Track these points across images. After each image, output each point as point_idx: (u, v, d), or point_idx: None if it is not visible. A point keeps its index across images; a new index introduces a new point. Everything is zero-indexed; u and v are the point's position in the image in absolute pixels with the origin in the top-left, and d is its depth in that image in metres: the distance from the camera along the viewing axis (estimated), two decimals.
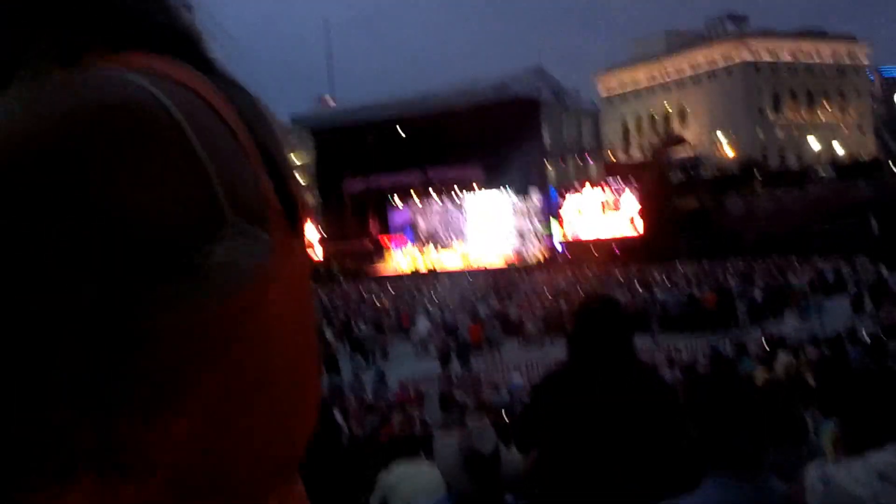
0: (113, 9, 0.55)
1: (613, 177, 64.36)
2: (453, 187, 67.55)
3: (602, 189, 60.88)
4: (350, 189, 67.86)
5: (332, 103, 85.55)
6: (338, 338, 29.14)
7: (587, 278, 41.91)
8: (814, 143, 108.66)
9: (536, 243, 64.00)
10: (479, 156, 61.88)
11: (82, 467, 0.51)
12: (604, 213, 60.05)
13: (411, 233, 70.01)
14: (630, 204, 59.29)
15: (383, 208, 70.16)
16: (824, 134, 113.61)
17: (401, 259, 68.33)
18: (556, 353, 23.09)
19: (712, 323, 28.06)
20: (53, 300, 0.48)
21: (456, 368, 23.40)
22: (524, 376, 21.22)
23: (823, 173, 69.43)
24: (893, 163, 69.66)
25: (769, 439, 2.53)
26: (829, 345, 14.18)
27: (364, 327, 29.83)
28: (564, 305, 30.42)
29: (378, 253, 69.94)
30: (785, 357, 13.24)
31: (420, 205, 69.58)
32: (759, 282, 34.05)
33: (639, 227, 58.79)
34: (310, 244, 2.74)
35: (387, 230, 70.48)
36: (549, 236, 62.72)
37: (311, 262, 0.71)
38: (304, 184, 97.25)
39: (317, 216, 72.52)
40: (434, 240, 68.83)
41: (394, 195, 69.48)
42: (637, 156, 71.36)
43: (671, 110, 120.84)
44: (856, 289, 29.84)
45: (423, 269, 63.58)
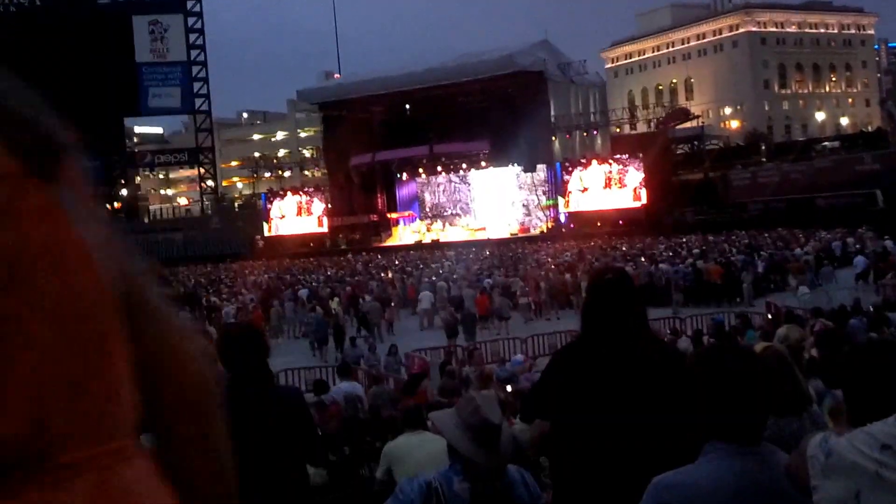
0: None
1: (619, 150, 64.17)
2: (460, 163, 67.41)
3: (607, 162, 60.69)
4: (357, 163, 67.67)
5: (339, 78, 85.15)
6: (345, 311, 29.22)
7: (591, 250, 41.85)
8: (819, 116, 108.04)
9: (541, 216, 63.96)
10: (485, 130, 61.61)
11: None
12: (608, 187, 59.88)
13: (418, 207, 69.95)
14: (635, 177, 59.09)
15: (390, 183, 70.01)
16: (830, 106, 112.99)
17: (407, 233, 68.32)
18: (561, 325, 23.18)
19: (717, 295, 28.09)
20: None
21: (461, 342, 23.41)
22: (529, 349, 21.32)
23: (829, 145, 69.14)
24: None
25: (770, 410, 2.55)
26: (833, 316, 14.18)
27: (369, 300, 29.84)
28: (569, 278, 30.49)
29: (384, 227, 69.90)
30: (787, 328, 13.25)
31: (426, 179, 69.46)
32: (764, 254, 33.99)
33: (643, 199, 58.64)
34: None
35: (394, 204, 70.39)
36: (554, 207, 62.63)
37: (92, 211, 0.72)
38: (308, 156, 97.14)
39: (323, 190, 72.47)
40: (440, 214, 68.79)
41: (401, 170, 69.32)
42: (643, 129, 70.94)
43: (676, 83, 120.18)
44: (861, 260, 29.77)
45: (428, 242, 63.55)
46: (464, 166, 67.34)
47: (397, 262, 48.05)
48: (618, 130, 75.42)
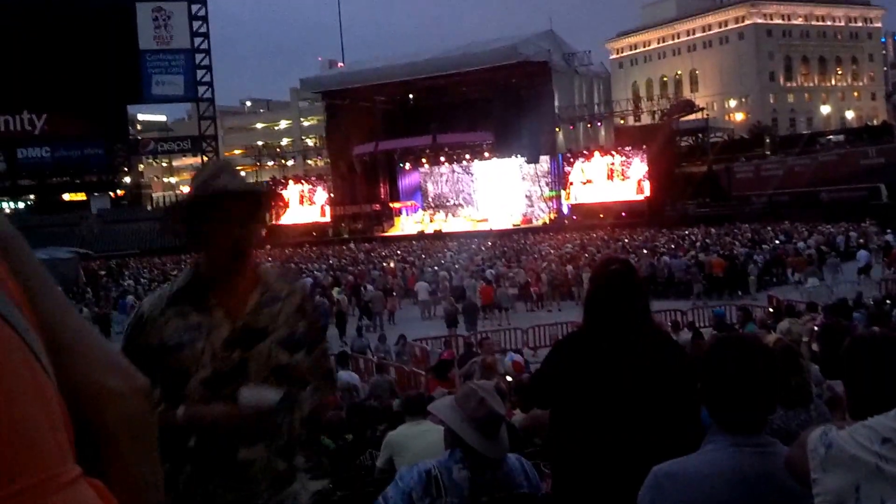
0: None
1: (622, 141, 64.06)
2: (463, 153, 67.37)
3: (610, 154, 60.61)
4: (359, 153, 67.59)
5: (342, 67, 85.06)
6: (348, 300, 29.23)
7: (593, 242, 41.83)
8: (824, 109, 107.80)
9: (544, 207, 63.92)
10: (488, 120, 61.54)
11: None
12: (611, 179, 59.82)
13: (420, 197, 69.90)
14: (638, 169, 59.02)
15: (393, 172, 69.95)
16: (835, 99, 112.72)
17: (409, 223, 68.32)
18: (562, 316, 23.20)
19: (719, 287, 28.09)
20: None
21: (462, 331, 23.41)
22: (530, 340, 21.35)
23: (833, 139, 69.06)
24: None
25: (774, 403, 2.56)
26: (835, 309, 14.19)
27: (371, 289, 29.85)
28: (571, 269, 30.47)
29: (387, 216, 69.89)
30: (790, 322, 13.27)
31: (429, 169, 69.42)
32: (767, 247, 33.95)
33: (646, 191, 58.58)
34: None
35: (396, 194, 70.33)
36: (557, 199, 62.59)
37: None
38: (311, 145, 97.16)
39: (326, 179, 72.45)
40: (443, 204, 68.78)
41: (404, 159, 69.26)
42: (647, 120, 70.84)
43: (681, 74, 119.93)
44: (863, 254, 29.72)
45: (431, 232, 63.56)
46: (467, 157, 67.29)
47: (399, 251, 48.07)
48: (622, 122, 75.34)
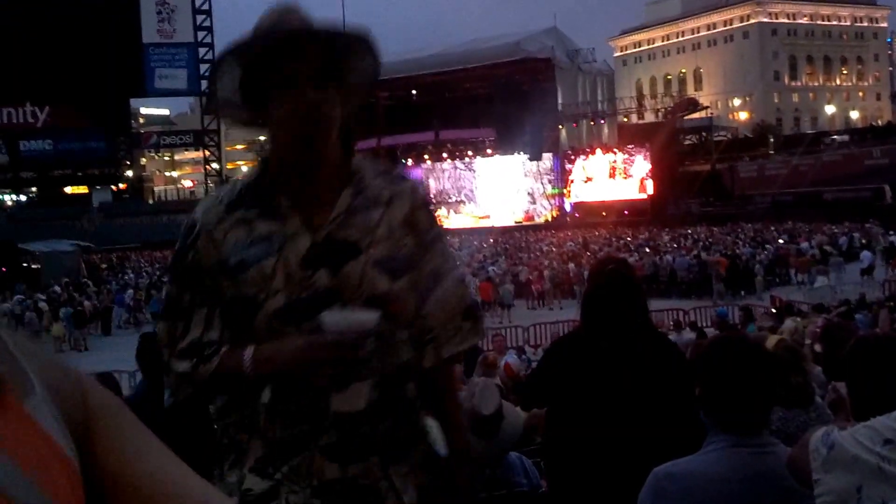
0: None
1: (626, 139, 64.07)
2: (466, 149, 67.44)
3: (612, 152, 60.62)
4: (362, 148, 67.32)
5: None
6: None
7: (595, 240, 41.86)
8: (829, 109, 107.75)
9: (546, 204, 63.96)
10: (491, 117, 61.55)
11: None
12: (613, 177, 59.83)
13: None
14: (641, 167, 59.03)
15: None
16: (840, 99, 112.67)
17: None
18: (564, 314, 23.17)
19: (721, 288, 28.08)
20: None
21: None
22: (531, 338, 21.34)
23: (838, 139, 69.03)
24: None
25: (774, 403, 2.55)
26: (838, 310, 14.18)
27: None
28: (573, 267, 30.50)
29: None
30: (792, 322, 13.22)
31: (431, 166, 69.50)
32: (769, 247, 33.95)
33: (649, 189, 58.60)
34: None
35: None
36: (559, 196, 62.64)
37: None
38: None
39: None
40: (445, 200, 68.83)
41: (406, 155, 69.32)
42: (650, 118, 70.88)
43: (686, 72, 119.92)
44: (867, 255, 29.71)
45: None
46: (469, 153, 67.35)
47: None
48: (625, 120, 75.30)
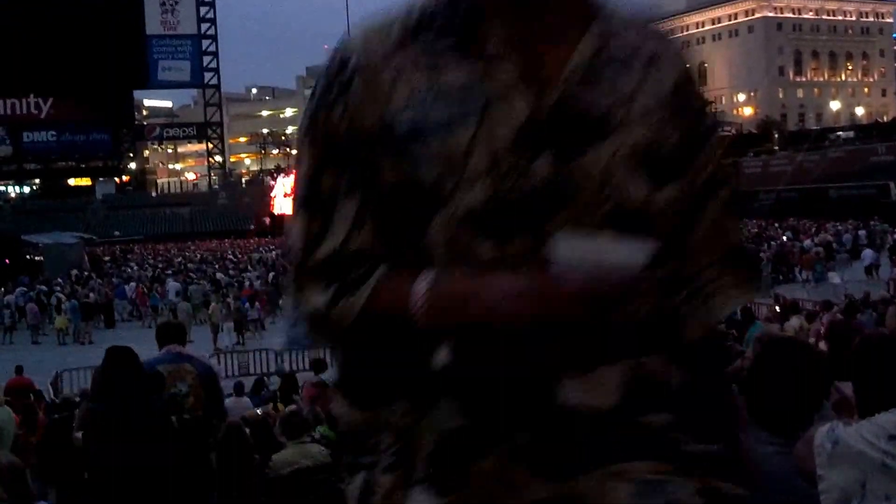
0: None
1: None
2: None
3: None
4: None
5: None
6: None
7: None
8: (834, 105, 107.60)
9: None
10: None
11: None
12: None
13: None
14: None
15: None
16: (845, 95, 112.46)
17: None
18: None
19: None
20: None
21: None
22: None
23: (843, 135, 68.90)
24: None
25: (817, 407, 2.59)
26: (842, 308, 14.15)
27: None
28: None
29: None
30: (797, 320, 13.22)
31: None
32: (774, 244, 33.91)
33: None
34: None
35: None
36: None
37: None
38: None
39: None
40: None
41: None
42: None
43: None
44: (868, 253, 29.69)
45: None
46: None
47: None
48: None
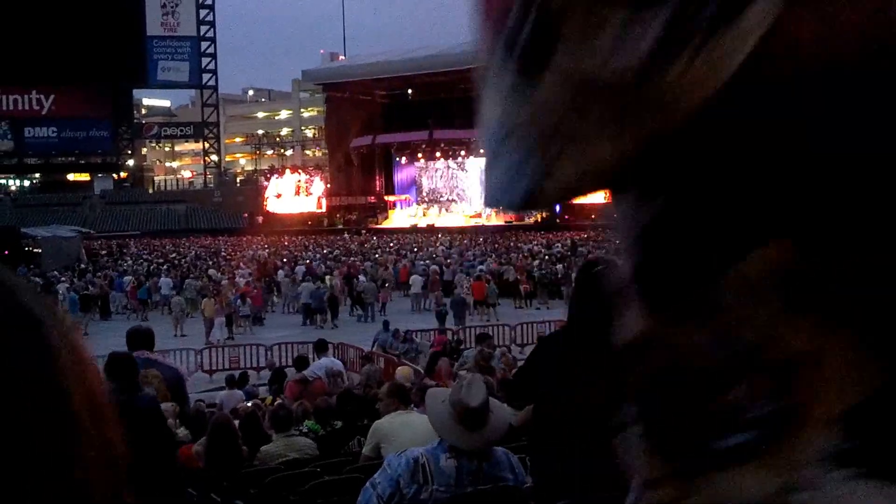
0: None
1: None
2: (459, 149, 67.41)
3: None
4: (357, 145, 67.70)
5: (343, 60, 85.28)
6: (340, 290, 29.36)
7: (584, 241, 41.84)
8: None
9: None
10: None
11: None
12: None
13: (415, 191, 69.99)
14: None
15: (389, 166, 70.02)
16: None
17: (403, 216, 68.45)
18: (550, 314, 23.36)
19: None
20: None
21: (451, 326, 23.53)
22: (518, 336, 21.57)
23: None
24: None
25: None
26: None
27: (364, 280, 29.93)
28: (561, 268, 30.67)
29: (381, 209, 70.00)
30: None
31: (425, 164, 69.47)
32: None
33: None
34: None
35: (391, 187, 70.44)
36: None
37: None
38: (310, 136, 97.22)
39: (323, 170, 72.57)
40: (437, 199, 68.88)
41: (400, 153, 69.31)
42: None
43: None
44: None
45: (424, 226, 63.73)
46: (462, 153, 67.31)
47: (392, 244, 48.24)
48: None
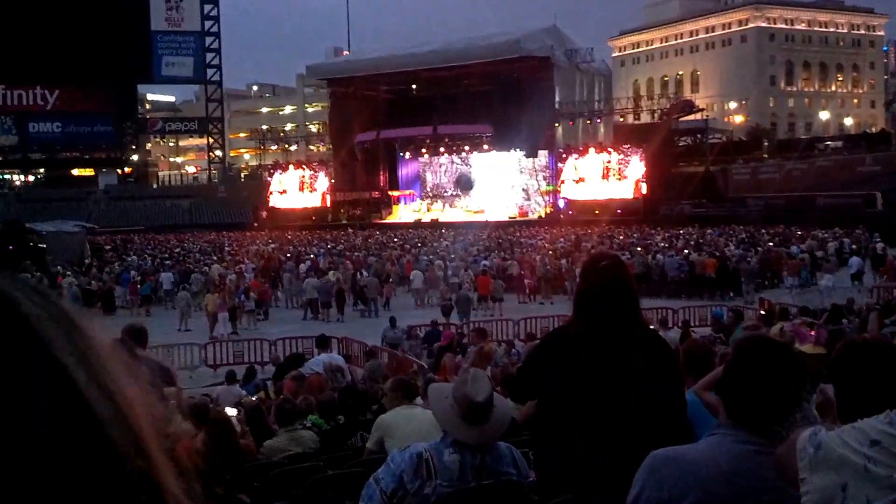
0: None
1: (621, 139, 64.09)
2: (463, 144, 67.43)
3: (607, 151, 60.55)
4: (361, 140, 67.69)
5: (348, 55, 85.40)
6: (346, 284, 29.26)
7: (588, 237, 41.83)
8: (823, 115, 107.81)
9: (541, 201, 63.99)
10: (489, 113, 61.58)
11: None
12: (606, 178, 59.74)
13: (419, 186, 69.95)
14: (636, 169, 59.00)
15: (393, 161, 69.96)
16: (835, 105, 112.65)
17: (407, 211, 68.45)
18: (554, 309, 23.29)
19: (710, 288, 28.17)
20: None
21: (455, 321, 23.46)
22: (521, 331, 21.46)
23: (831, 145, 69.16)
24: None
25: (795, 408, 2.55)
26: (827, 314, 14.29)
27: (367, 276, 29.87)
28: (565, 263, 30.56)
29: (385, 204, 69.99)
30: (781, 324, 13.34)
31: (429, 159, 69.44)
32: (760, 249, 33.96)
33: (643, 189, 58.61)
34: None
35: (395, 182, 70.41)
36: (553, 193, 62.66)
37: None
38: (314, 131, 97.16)
39: (328, 165, 72.59)
40: (441, 194, 68.84)
41: (404, 148, 69.27)
42: (646, 119, 70.84)
43: (683, 75, 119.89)
44: (856, 261, 29.80)
45: (428, 221, 63.78)
46: (466, 148, 67.30)
47: (396, 239, 48.21)
48: (621, 119, 75.29)
